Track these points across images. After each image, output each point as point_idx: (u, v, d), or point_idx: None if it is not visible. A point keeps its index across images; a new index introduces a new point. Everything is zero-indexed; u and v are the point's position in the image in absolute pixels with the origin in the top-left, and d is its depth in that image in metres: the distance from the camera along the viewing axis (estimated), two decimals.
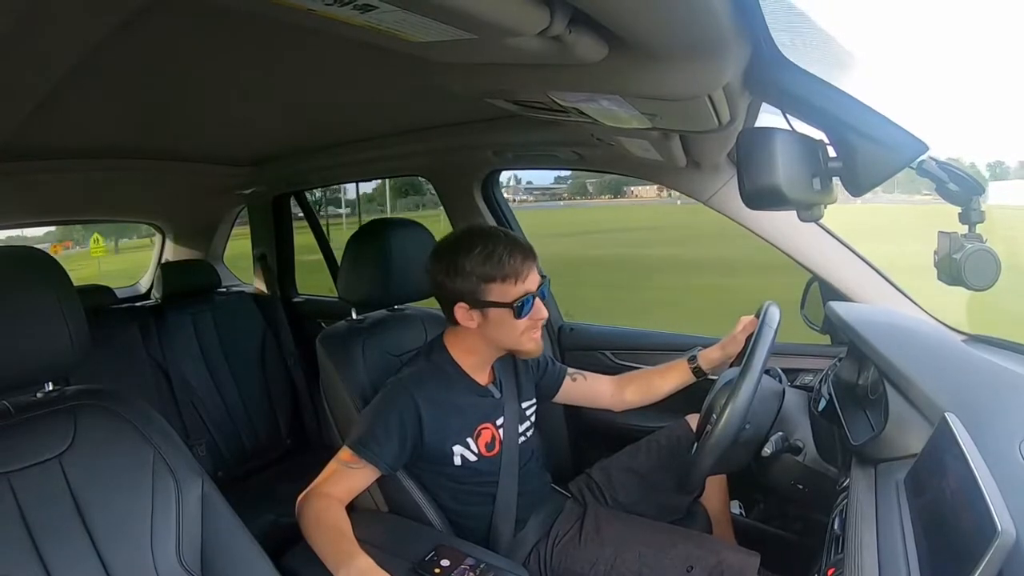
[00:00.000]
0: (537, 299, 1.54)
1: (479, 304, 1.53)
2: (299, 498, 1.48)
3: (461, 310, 1.55)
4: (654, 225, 16.91)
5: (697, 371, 1.80)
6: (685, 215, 12.40)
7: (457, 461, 1.58)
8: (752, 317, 1.70)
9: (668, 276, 11.60)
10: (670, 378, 1.84)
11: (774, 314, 1.53)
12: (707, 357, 1.79)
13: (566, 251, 12.49)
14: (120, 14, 0.89)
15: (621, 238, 16.81)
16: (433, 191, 2.58)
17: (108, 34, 0.94)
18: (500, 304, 1.51)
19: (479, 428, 1.61)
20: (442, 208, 2.55)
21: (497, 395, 1.67)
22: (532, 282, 1.53)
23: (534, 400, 1.78)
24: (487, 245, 1.51)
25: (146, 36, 1.12)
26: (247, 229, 3.55)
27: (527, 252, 1.54)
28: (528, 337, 1.57)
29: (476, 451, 1.60)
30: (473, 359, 1.65)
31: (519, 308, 1.51)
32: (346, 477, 1.50)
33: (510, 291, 1.50)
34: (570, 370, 1.90)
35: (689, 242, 13.09)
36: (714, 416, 1.48)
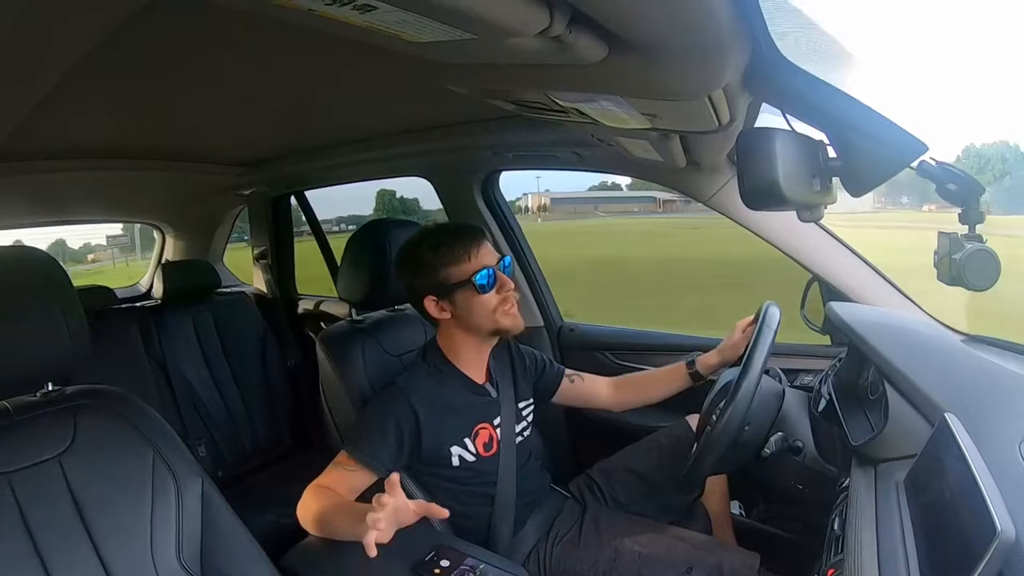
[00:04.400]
0: (499, 272, 1.58)
1: (443, 291, 1.58)
2: (301, 500, 1.48)
3: (431, 303, 1.60)
4: None
5: (695, 376, 1.81)
6: None
7: (455, 462, 1.58)
8: (750, 319, 1.71)
9: None
10: (668, 382, 1.85)
11: (774, 314, 1.53)
12: (705, 363, 1.80)
13: None
14: (120, 14, 0.89)
15: None
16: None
17: (108, 34, 0.94)
18: (462, 284, 1.55)
19: (476, 428, 1.62)
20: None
21: (493, 394, 1.68)
22: (487, 258, 1.58)
23: (532, 401, 1.78)
24: (433, 235, 1.59)
25: (146, 36, 1.13)
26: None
27: (474, 232, 1.61)
28: (503, 312, 1.59)
29: (474, 451, 1.60)
30: (466, 356, 1.66)
31: (480, 282, 1.55)
32: (345, 479, 1.50)
33: (467, 269, 1.55)
34: (568, 371, 1.90)
35: None
36: (714, 417, 1.48)
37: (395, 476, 1.22)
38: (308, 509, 1.44)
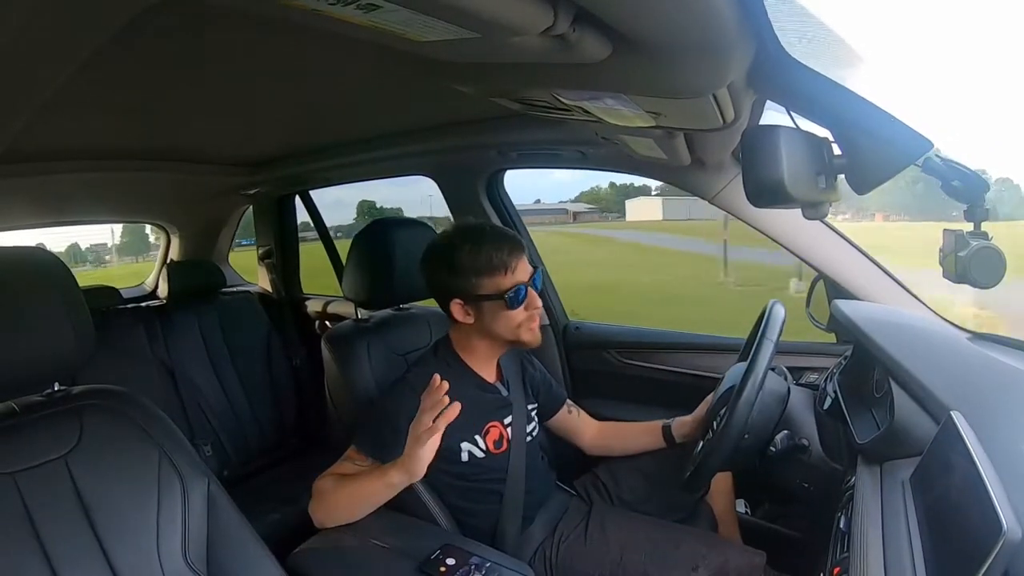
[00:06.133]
0: (530, 289, 1.57)
1: (473, 299, 1.57)
2: (312, 492, 1.50)
3: (457, 306, 1.59)
4: None
5: (669, 440, 1.80)
6: None
7: (464, 457, 1.58)
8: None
9: None
10: (645, 438, 1.85)
11: (777, 316, 1.51)
12: (680, 430, 1.78)
13: None
14: (126, 15, 0.89)
15: None
16: None
17: (113, 35, 0.95)
18: (493, 296, 1.54)
19: (487, 426, 1.62)
20: None
21: (504, 393, 1.68)
22: (522, 273, 1.56)
23: (537, 404, 1.79)
24: (475, 240, 1.55)
25: (151, 37, 1.13)
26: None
27: (515, 244, 1.57)
28: (526, 328, 1.59)
29: (484, 448, 1.60)
30: (478, 355, 1.66)
31: (511, 299, 1.53)
32: (353, 472, 1.50)
33: (501, 283, 1.54)
34: (568, 401, 1.92)
35: None
36: (715, 423, 1.48)
37: (436, 376, 1.33)
38: (325, 493, 1.47)
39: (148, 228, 4.73)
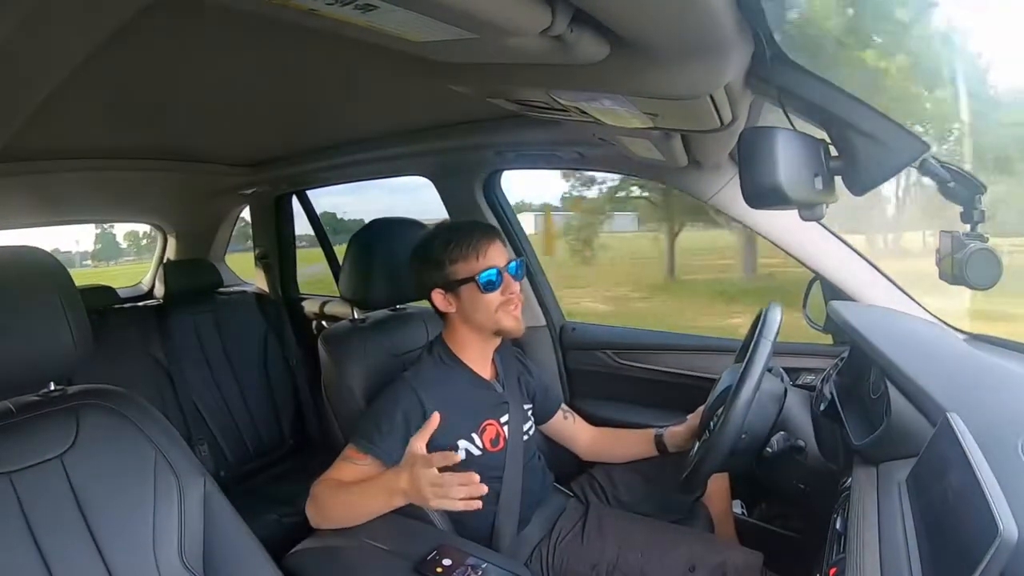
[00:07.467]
0: (506, 274, 1.60)
1: (450, 286, 1.61)
2: (310, 495, 1.49)
3: (438, 296, 1.64)
4: None
5: (661, 449, 1.81)
6: None
7: (462, 455, 1.58)
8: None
9: None
10: (638, 446, 1.85)
11: (774, 319, 1.51)
12: (672, 438, 1.79)
13: None
14: (124, 16, 0.89)
15: None
16: None
17: (112, 35, 0.94)
18: (467, 280, 1.59)
19: (484, 424, 1.62)
20: None
21: (500, 390, 1.69)
22: (496, 258, 1.60)
23: (533, 405, 1.79)
24: (449, 232, 1.63)
25: (148, 36, 1.13)
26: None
27: (486, 231, 1.64)
28: (505, 313, 1.62)
29: (481, 446, 1.61)
30: (470, 350, 1.67)
31: (484, 281, 1.57)
32: (353, 472, 1.50)
33: (474, 267, 1.58)
34: (564, 407, 1.93)
35: None
36: (712, 423, 1.48)
37: (436, 416, 1.37)
38: (323, 500, 1.47)
39: (120, 236, 4.70)
